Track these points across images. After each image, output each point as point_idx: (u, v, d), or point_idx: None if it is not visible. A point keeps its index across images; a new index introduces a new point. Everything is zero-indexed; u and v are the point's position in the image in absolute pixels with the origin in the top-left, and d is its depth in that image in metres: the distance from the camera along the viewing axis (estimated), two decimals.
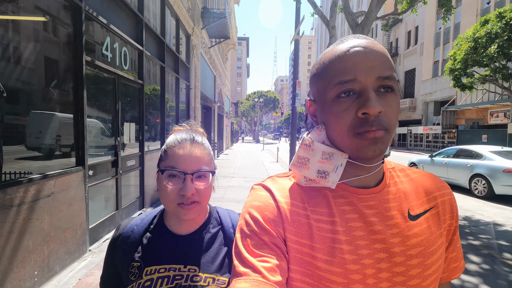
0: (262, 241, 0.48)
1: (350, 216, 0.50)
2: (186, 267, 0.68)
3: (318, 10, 5.94)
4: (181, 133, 0.72)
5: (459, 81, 16.48)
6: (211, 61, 12.53)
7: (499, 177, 6.29)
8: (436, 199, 0.56)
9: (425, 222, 0.52)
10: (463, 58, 15.68)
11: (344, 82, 0.47)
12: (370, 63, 0.46)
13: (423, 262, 0.49)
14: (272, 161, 14.23)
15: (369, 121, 0.46)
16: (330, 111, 0.49)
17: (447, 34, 25.72)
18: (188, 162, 0.67)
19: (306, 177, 0.54)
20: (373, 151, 0.46)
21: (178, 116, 7.27)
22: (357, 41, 0.49)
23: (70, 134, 2.96)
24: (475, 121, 22.20)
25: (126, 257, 0.70)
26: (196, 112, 8.99)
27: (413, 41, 30.62)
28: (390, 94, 0.48)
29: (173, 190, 0.66)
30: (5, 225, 2.07)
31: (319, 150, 0.53)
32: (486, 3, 22.34)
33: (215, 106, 14.74)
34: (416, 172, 0.61)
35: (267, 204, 0.52)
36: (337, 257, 0.47)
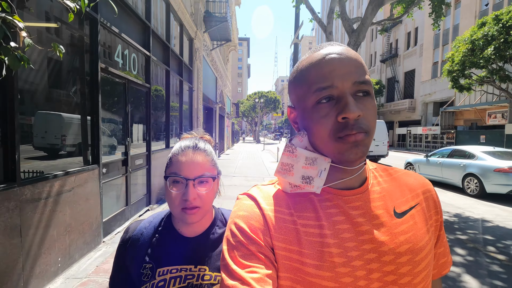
0: (249, 251, 0.47)
1: (337, 219, 0.51)
2: (196, 267, 0.72)
3: (316, 17, 6.21)
4: (185, 141, 0.76)
5: (457, 83, 16.72)
6: (212, 63, 12.81)
7: (490, 176, 6.55)
8: (419, 196, 0.57)
9: (411, 219, 0.53)
10: (461, 60, 15.91)
11: (323, 88, 0.48)
12: (345, 69, 0.48)
13: (413, 259, 0.49)
14: (272, 161, 14.49)
15: (349, 125, 0.47)
16: (310, 117, 0.51)
17: (446, 35, 25.95)
18: (190, 168, 0.70)
19: (291, 183, 0.54)
20: (355, 154, 0.47)
21: (182, 117, 7.56)
22: (332, 48, 0.50)
23: (86, 135, 3.24)
24: (474, 121, 22.43)
25: (137, 259, 0.73)
26: (198, 113, 9.27)
27: (413, 42, 30.82)
28: (367, 98, 0.49)
29: (176, 195, 0.69)
30: (35, 216, 2.35)
31: (302, 156, 0.53)
32: (485, 5, 22.56)
33: (217, 107, 15.01)
34: (398, 171, 0.62)
35: (252, 213, 0.52)
36: (326, 261, 0.47)
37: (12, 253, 2.10)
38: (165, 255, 0.72)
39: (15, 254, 2.13)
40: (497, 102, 18.84)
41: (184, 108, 7.81)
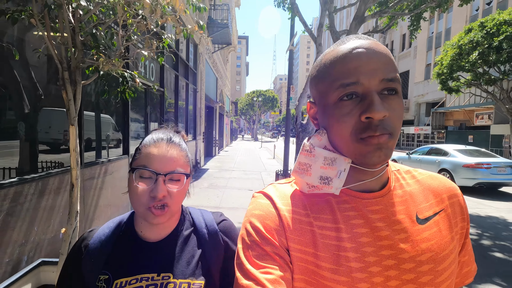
0: (264, 251, 0.46)
1: (355, 222, 0.48)
2: (159, 275, 0.65)
3: (308, 29, 7.04)
4: (158, 132, 0.70)
5: (446, 85, 17.65)
6: (214, 65, 13.61)
7: (460, 171, 7.46)
8: (445, 201, 0.54)
9: (435, 226, 0.50)
10: (449, 64, 16.81)
11: (346, 85, 0.45)
12: (373, 65, 0.45)
13: (434, 268, 0.46)
14: (269, 157, 15.37)
15: (373, 125, 0.44)
16: (331, 114, 0.48)
17: (439, 38, 26.88)
18: (162, 162, 0.64)
19: (309, 183, 0.52)
20: (377, 157, 0.45)
21: (188, 115, 8.39)
22: (359, 41, 0.47)
23: (120, 132, 4.08)
24: (463, 122, 23.43)
25: (92, 270, 0.65)
26: (201, 112, 10.11)
27: (407, 44, 31.73)
28: (394, 97, 0.46)
29: (143, 191, 0.62)
30: (91, 191, 3.19)
31: (321, 156, 0.51)
32: (475, 10, 23.47)
33: (217, 106, 15.84)
34: (423, 174, 0.58)
35: (268, 213, 0.50)
36: (342, 265, 0.45)
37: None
38: (123, 263, 0.65)
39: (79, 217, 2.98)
40: (484, 104, 19.81)
41: (189, 108, 8.65)
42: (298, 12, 7.25)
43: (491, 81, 15.90)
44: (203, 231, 0.73)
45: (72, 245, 1.66)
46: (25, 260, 2.21)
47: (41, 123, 2.62)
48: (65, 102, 1.48)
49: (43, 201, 2.41)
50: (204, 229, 0.73)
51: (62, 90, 1.45)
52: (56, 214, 2.56)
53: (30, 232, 2.26)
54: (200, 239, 0.72)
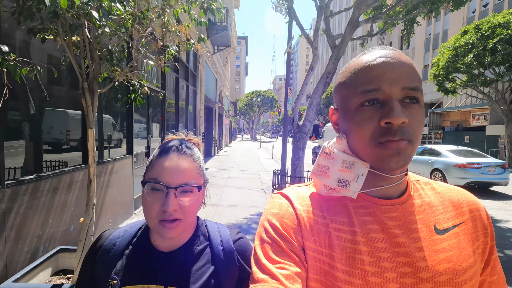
0: (281, 248, 0.47)
1: (371, 227, 0.49)
2: None
3: (304, 33, 7.28)
4: (171, 142, 0.68)
5: (442, 86, 17.92)
6: (213, 66, 13.84)
7: (451, 170, 7.70)
8: (465, 214, 0.53)
9: (454, 237, 0.49)
10: (445, 65, 17.07)
11: (368, 91, 0.47)
12: (396, 74, 0.46)
13: (453, 279, 0.46)
14: (267, 157, 15.60)
15: (392, 130, 0.45)
16: (352, 119, 0.49)
17: (436, 40, 27.16)
18: (173, 175, 0.62)
19: (326, 185, 0.53)
20: (396, 162, 0.45)
21: (188, 116, 8.62)
22: (383, 51, 0.49)
23: (124, 133, 4.31)
24: (459, 123, 23.72)
25: (104, 272, 0.65)
26: (201, 113, 10.34)
27: (406, 45, 31.99)
28: (415, 106, 0.47)
29: (154, 205, 0.61)
30: (98, 188, 3.41)
31: (340, 159, 0.52)
32: (472, 12, 23.76)
33: (216, 106, 16.06)
34: (443, 186, 0.58)
35: (285, 212, 0.52)
36: (357, 268, 0.46)
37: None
38: (133, 271, 0.65)
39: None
40: (480, 105, 20.09)
41: (189, 109, 8.87)
42: (295, 16, 7.48)
43: (486, 82, 16.16)
44: (218, 248, 0.70)
45: (89, 233, 1.89)
46: (41, 249, 2.43)
47: (57, 126, 2.85)
48: (84, 108, 1.71)
49: (57, 196, 2.64)
50: (220, 246, 0.71)
51: (82, 98, 1.67)
52: (68, 208, 2.79)
53: (46, 224, 2.49)
54: (214, 255, 0.69)
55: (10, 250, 2.10)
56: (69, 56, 1.60)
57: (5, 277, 2.05)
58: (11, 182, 2.14)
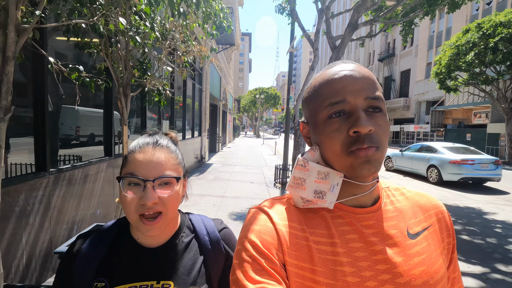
0: (261, 266, 0.47)
1: (350, 237, 0.50)
2: (159, 283, 0.63)
3: (306, 34, 7.60)
4: (144, 137, 0.67)
5: (444, 84, 18.08)
6: (217, 65, 14.19)
7: (446, 167, 8.02)
8: (432, 217, 0.56)
9: (424, 240, 0.52)
10: (447, 63, 17.22)
11: (335, 103, 0.49)
12: (358, 85, 0.49)
13: (428, 281, 0.48)
14: (270, 154, 15.99)
15: (361, 138, 0.47)
16: (322, 131, 0.51)
17: (439, 37, 27.16)
18: (149, 167, 0.61)
19: (303, 198, 0.54)
20: (367, 170, 0.47)
21: (194, 113, 9.02)
22: (345, 65, 0.52)
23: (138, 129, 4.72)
24: (461, 121, 23.85)
25: (86, 276, 0.62)
26: (206, 110, 10.73)
27: (409, 43, 31.98)
28: (379, 114, 0.49)
29: (133, 199, 0.60)
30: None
31: (315, 170, 0.53)
32: (475, 10, 23.75)
33: (220, 104, 16.44)
34: (411, 191, 0.61)
35: (265, 228, 0.51)
36: (339, 280, 0.46)
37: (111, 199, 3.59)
38: (121, 270, 0.63)
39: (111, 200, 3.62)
40: (481, 103, 20.22)
41: (195, 106, 9.27)
42: (297, 18, 7.80)
43: (487, 80, 16.33)
44: (204, 238, 0.72)
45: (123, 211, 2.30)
46: (75, 228, 2.85)
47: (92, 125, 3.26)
48: (120, 109, 2.10)
49: (86, 184, 3.05)
50: (206, 236, 0.72)
51: (118, 100, 2.07)
52: (95, 194, 3.21)
53: (79, 207, 2.91)
54: (201, 246, 0.71)
55: (53, 227, 2.52)
56: (109, 66, 1.98)
57: (50, 248, 2.47)
58: (53, 170, 2.55)
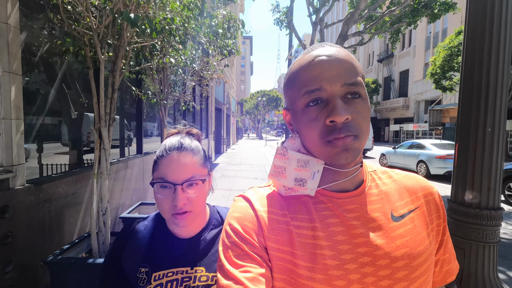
0: (243, 251, 0.48)
1: (331, 221, 0.50)
2: (193, 269, 0.71)
3: (302, 44, 8.44)
4: (170, 139, 0.73)
5: (439, 84, 18.76)
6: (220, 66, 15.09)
7: (433, 161, 8.78)
8: (420, 199, 0.56)
9: (410, 223, 0.52)
10: (441, 64, 17.91)
11: (311, 91, 0.48)
12: (334, 71, 0.47)
13: (409, 263, 0.48)
14: (272, 154, 16.80)
15: (337, 128, 0.46)
16: (301, 120, 0.51)
17: (436, 38, 27.83)
18: (177, 172, 0.68)
19: (285, 186, 0.54)
20: (345, 159, 0.47)
21: (202, 117, 9.88)
22: (321, 50, 0.50)
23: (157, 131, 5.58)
24: None
25: (133, 262, 0.72)
26: (212, 114, 11.60)
27: (407, 43, 32.65)
28: (358, 100, 0.48)
29: (166, 200, 0.68)
30: (125, 180, 4.67)
31: (294, 158, 0.54)
32: None
33: (224, 107, 17.32)
34: (399, 174, 0.60)
35: (246, 214, 0.53)
36: (319, 263, 0.47)
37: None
38: (160, 258, 0.72)
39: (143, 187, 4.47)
40: None
41: (203, 111, 10.15)
42: (294, 29, 8.66)
43: None
44: None
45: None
46: (121, 206, 3.70)
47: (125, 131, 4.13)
48: (161, 116, 2.95)
49: (126, 175, 3.90)
50: None
51: (158, 112, 2.92)
52: (133, 182, 4.06)
53: (121, 192, 3.76)
54: None
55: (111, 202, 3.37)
56: (155, 87, 2.83)
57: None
58: (112, 161, 3.41)
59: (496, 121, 1.56)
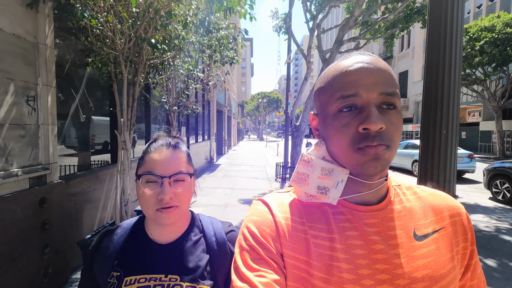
0: (259, 255, 0.48)
1: (350, 234, 0.49)
2: (167, 276, 0.68)
3: (300, 49, 8.81)
4: (158, 140, 0.74)
5: None
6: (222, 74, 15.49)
7: None
8: (445, 219, 0.53)
9: (433, 243, 0.49)
10: None
11: (346, 96, 0.47)
12: (373, 79, 0.47)
13: (431, 286, 0.46)
14: (273, 155, 17.16)
15: (370, 136, 0.45)
16: (331, 125, 0.50)
17: None
18: (165, 166, 0.68)
19: (307, 193, 0.54)
20: (374, 168, 0.46)
21: (204, 120, 10.26)
22: (361, 57, 0.49)
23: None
24: None
25: (105, 266, 0.70)
26: (213, 117, 11.98)
27: (406, 45, 33.00)
28: (393, 111, 0.48)
29: (151, 195, 0.67)
30: None
31: (318, 166, 0.53)
32: (467, 12, 24.78)
33: (225, 110, 17.71)
34: (425, 191, 0.58)
35: (264, 219, 0.52)
36: (334, 275, 0.46)
37: None
38: (134, 263, 0.70)
39: None
40: (474, 102, 21.17)
41: (205, 114, 10.52)
42: (292, 35, 9.05)
43: (475, 81, 17.33)
44: (211, 239, 0.76)
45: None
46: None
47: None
48: (171, 121, 3.32)
49: None
50: (213, 237, 0.77)
51: (170, 116, 3.30)
52: None
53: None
54: (208, 245, 0.75)
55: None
56: (165, 94, 3.21)
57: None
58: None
59: (449, 125, 1.92)
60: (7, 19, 2.02)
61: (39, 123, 2.30)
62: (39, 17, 2.27)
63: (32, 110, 2.24)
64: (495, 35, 15.16)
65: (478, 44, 15.76)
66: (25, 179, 2.17)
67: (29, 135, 2.22)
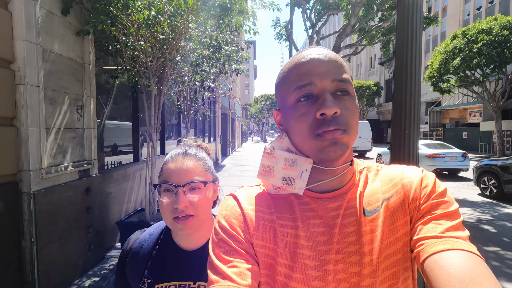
0: (231, 247, 0.50)
1: (313, 222, 0.51)
2: (195, 283, 0.70)
3: None
4: (176, 149, 0.75)
5: (437, 86, 19.47)
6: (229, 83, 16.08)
7: (422, 160, 9.54)
8: (397, 185, 0.54)
9: (383, 214, 0.51)
10: (438, 67, 18.64)
11: (302, 86, 0.49)
12: (325, 68, 0.49)
13: (378, 258, 0.48)
14: None
15: (327, 121, 0.47)
16: (291, 115, 0.52)
17: (435, 41, 28.51)
18: (179, 175, 0.69)
19: (274, 185, 0.55)
20: (334, 152, 0.47)
21: (210, 122, 10.85)
22: (312, 50, 0.52)
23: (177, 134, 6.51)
24: (458, 120, 24.99)
25: (136, 273, 0.73)
26: (218, 120, 12.57)
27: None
28: (346, 97, 0.50)
29: (168, 204, 0.68)
30: None
31: (281, 157, 0.54)
32: (467, 14, 25.09)
33: (230, 112, 18.29)
34: (388, 167, 0.59)
35: (233, 212, 0.54)
36: (298, 262, 0.48)
37: None
38: (163, 270, 0.72)
39: None
40: (474, 102, 21.45)
41: (211, 117, 11.12)
42: (293, 42, 9.60)
43: (474, 82, 17.67)
44: None
45: None
46: None
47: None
48: (186, 124, 3.87)
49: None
50: None
51: (185, 122, 3.85)
52: None
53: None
54: None
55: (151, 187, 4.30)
56: (185, 105, 3.76)
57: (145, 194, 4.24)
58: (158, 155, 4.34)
59: (412, 125, 2.43)
60: (64, 46, 2.59)
61: (84, 127, 2.86)
62: (85, 42, 2.84)
63: (80, 117, 2.80)
64: (492, 37, 15.51)
65: (476, 46, 16.12)
66: (76, 171, 2.72)
67: (78, 136, 2.78)
